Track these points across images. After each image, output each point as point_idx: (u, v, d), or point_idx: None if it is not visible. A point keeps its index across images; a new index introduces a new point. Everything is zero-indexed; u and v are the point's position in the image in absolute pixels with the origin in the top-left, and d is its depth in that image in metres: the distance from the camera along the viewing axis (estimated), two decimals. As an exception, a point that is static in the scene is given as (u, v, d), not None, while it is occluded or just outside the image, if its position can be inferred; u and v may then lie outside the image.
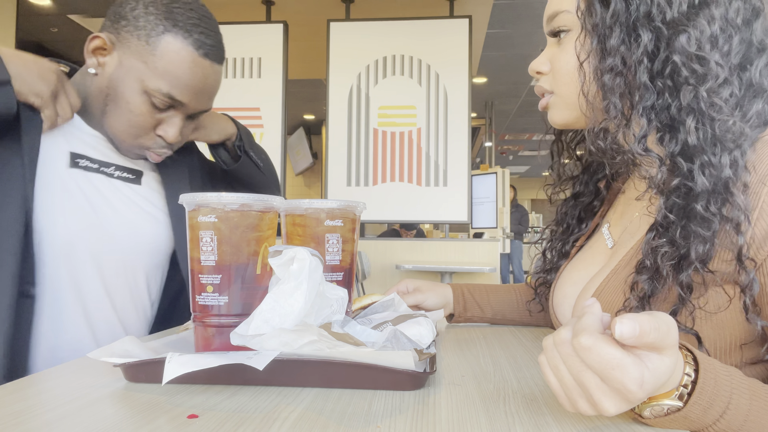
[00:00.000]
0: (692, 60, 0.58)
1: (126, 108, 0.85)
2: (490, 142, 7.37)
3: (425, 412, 0.47)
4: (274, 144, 3.74)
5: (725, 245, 0.56)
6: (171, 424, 0.43)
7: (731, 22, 0.60)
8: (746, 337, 0.58)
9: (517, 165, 12.72)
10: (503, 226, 5.14)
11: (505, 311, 0.96)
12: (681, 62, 0.58)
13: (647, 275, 0.60)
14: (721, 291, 0.57)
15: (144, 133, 0.88)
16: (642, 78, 0.60)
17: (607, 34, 0.62)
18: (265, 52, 3.82)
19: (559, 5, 0.69)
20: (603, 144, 0.65)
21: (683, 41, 0.58)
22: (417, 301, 0.92)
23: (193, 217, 0.57)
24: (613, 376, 0.38)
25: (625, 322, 0.37)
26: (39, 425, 0.43)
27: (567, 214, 0.87)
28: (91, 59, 0.86)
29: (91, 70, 0.86)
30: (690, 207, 0.57)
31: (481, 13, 4.08)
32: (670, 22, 0.59)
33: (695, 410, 0.43)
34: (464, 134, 3.68)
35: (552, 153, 0.87)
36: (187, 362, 0.48)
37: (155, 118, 0.87)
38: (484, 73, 5.86)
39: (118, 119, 0.87)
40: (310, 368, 0.53)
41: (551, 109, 0.73)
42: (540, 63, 0.72)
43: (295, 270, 0.54)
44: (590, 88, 0.65)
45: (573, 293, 0.76)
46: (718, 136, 0.57)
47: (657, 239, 0.60)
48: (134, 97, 0.84)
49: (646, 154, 0.61)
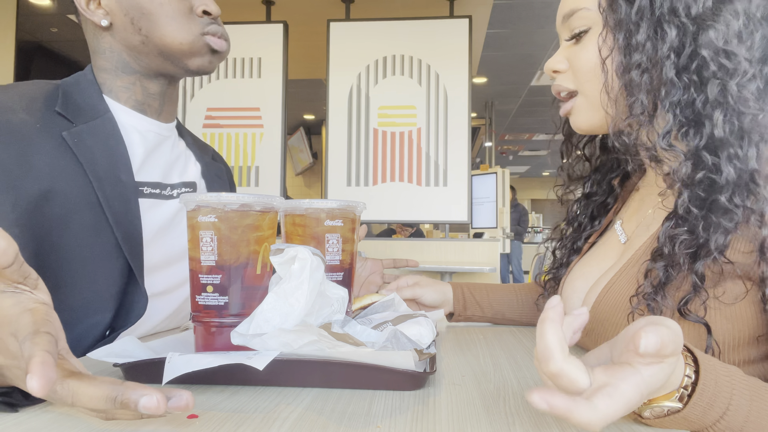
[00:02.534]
0: (720, 55, 0.58)
1: (154, 6, 0.80)
2: (490, 142, 7.36)
3: (425, 412, 0.47)
4: (274, 144, 3.74)
5: (747, 236, 0.56)
6: (171, 424, 0.43)
7: (753, 18, 0.60)
8: (759, 330, 0.58)
9: (517, 165, 12.72)
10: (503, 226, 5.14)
11: (505, 311, 0.96)
12: (709, 57, 0.58)
13: (663, 263, 0.60)
14: (739, 282, 0.57)
15: (188, 20, 0.83)
16: (669, 74, 0.60)
17: (633, 30, 0.61)
18: (265, 52, 3.82)
19: (577, 2, 0.68)
20: (627, 140, 0.64)
21: (711, 36, 0.58)
22: (415, 294, 0.92)
23: (193, 217, 0.57)
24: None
25: (651, 337, 0.36)
26: (39, 425, 0.43)
27: (579, 213, 0.87)
28: (94, 14, 0.81)
29: (104, 22, 0.81)
30: (713, 199, 0.57)
31: (481, 13, 4.08)
32: (695, 17, 0.59)
33: (695, 411, 0.43)
34: (464, 134, 3.68)
35: (562, 153, 0.87)
36: (187, 362, 0.48)
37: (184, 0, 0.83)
38: (484, 73, 5.86)
39: (161, 27, 0.81)
40: (310, 368, 0.53)
41: (575, 114, 0.71)
42: (556, 61, 0.71)
43: (297, 269, 0.54)
44: (613, 85, 0.64)
45: (583, 287, 0.76)
46: (745, 129, 0.57)
47: (676, 228, 0.59)
48: None
49: (671, 149, 0.61)
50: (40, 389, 0.33)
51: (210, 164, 1.01)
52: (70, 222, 0.74)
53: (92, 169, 0.76)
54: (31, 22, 4.60)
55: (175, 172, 0.92)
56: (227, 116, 3.75)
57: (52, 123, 0.76)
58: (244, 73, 3.81)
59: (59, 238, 0.73)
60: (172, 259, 0.88)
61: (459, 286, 0.97)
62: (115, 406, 0.38)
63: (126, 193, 0.79)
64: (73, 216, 0.74)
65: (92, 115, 0.81)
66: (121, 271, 0.77)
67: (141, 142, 0.86)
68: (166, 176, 0.90)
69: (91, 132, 0.79)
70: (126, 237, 0.77)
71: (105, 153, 0.79)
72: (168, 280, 0.87)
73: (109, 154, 0.79)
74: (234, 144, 3.74)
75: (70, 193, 0.74)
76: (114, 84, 0.85)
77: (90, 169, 0.76)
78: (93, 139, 0.79)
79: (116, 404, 0.38)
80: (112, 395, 0.38)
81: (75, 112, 0.79)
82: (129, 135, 0.85)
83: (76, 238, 0.74)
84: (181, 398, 0.38)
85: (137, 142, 0.85)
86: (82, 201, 0.75)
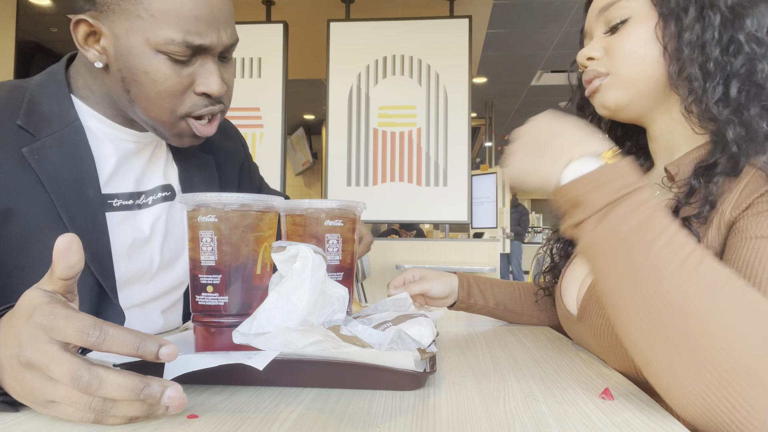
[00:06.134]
0: (753, 40, 0.62)
1: (149, 80, 0.72)
2: (490, 142, 7.37)
3: (425, 412, 0.47)
4: (274, 144, 3.74)
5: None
6: (171, 424, 0.43)
7: None
8: None
9: (517, 165, 12.69)
10: (503, 226, 5.13)
11: (507, 302, 0.98)
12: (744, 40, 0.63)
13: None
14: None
15: (181, 100, 0.75)
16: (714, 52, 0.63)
17: (681, 16, 0.66)
18: (265, 52, 3.82)
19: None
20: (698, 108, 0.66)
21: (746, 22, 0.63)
22: (423, 289, 0.93)
23: (193, 217, 0.57)
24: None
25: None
26: (39, 425, 0.43)
27: None
28: (89, 51, 0.74)
29: (98, 64, 0.73)
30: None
31: (481, 13, 4.08)
32: (732, 6, 0.64)
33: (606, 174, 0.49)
34: (464, 134, 3.67)
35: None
36: (187, 362, 0.48)
37: (185, 76, 0.73)
38: (484, 73, 5.85)
39: (148, 100, 0.74)
40: (310, 368, 0.53)
41: (604, 91, 0.72)
42: (593, 49, 0.73)
43: (298, 268, 0.54)
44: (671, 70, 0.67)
45: (582, 277, 0.77)
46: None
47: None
48: (150, 62, 0.71)
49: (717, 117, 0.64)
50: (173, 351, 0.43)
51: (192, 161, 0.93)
52: (32, 242, 0.70)
53: (55, 187, 0.71)
54: (31, 22, 4.61)
55: (152, 177, 0.86)
56: (227, 116, 3.74)
57: (12, 138, 0.71)
58: (244, 73, 3.81)
59: (20, 259, 0.70)
60: (150, 271, 0.83)
61: (464, 275, 0.99)
62: (140, 397, 0.42)
63: (92, 210, 0.74)
64: (35, 236, 0.70)
65: (59, 124, 0.75)
66: (91, 289, 0.73)
67: (113, 151, 0.79)
68: (141, 183, 0.83)
69: (55, 144, 0.73)
70: (94, 255, 0.73)
71: (70, 167, 0.73)
72: (146, 292, 0.83)
73: (74, 168, 0.74)
74: (234, 144, 3.73)
75: (30, 212, 0.70)
76: (95, 104, 0.79)
77: (52, 188, 0.71)
78: (57, 152, 0.73)
79: (141, 395, 0.42)
80: (139, 386, 0.42)
81: (38, 123, 0.73)
82: (99, 144, 0.78)
83: (40, 258, 0.70)
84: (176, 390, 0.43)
85: (108, 152, 0.79)
86: (44, 220, 0.70)
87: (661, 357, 0.45)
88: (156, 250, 0.84)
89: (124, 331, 0.42)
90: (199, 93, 0.75)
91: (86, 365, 0.41)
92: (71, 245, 0.44)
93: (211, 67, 0.75)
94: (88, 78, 0.78)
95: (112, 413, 0.42)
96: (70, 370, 0.41)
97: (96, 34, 0.73)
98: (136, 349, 0.42)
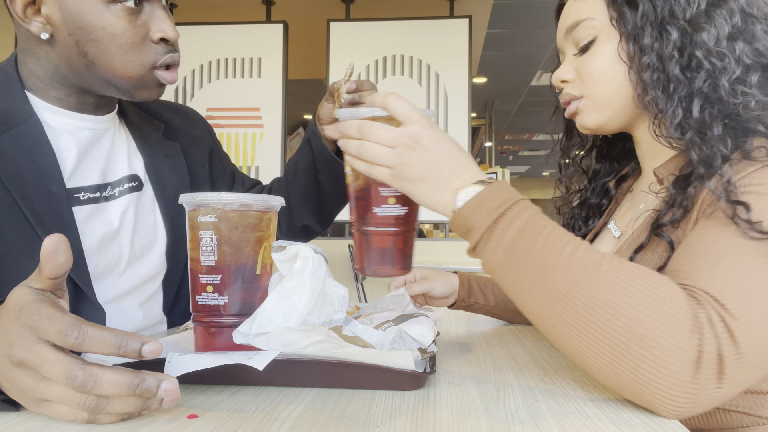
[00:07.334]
0: (712, 55, 0.61)
1: (106, 35, 0.71)
2: (490, 142, 7.36)
3: (425, 412, 0.47)
4: (274, 144, 3.74)
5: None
6: (171, 424, 0.43)
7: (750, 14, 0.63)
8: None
9: (517, 165, 12.72)
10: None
11: (507, 301, 0.98)
12: (702, 56, 0.62)
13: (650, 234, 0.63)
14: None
15: (142, 50, 0.74)
16: (674, 71, 0.63)
17: (639, 35, 0.65)
18: (265, 52, 3.82)
19: (580, 14, 0.70)
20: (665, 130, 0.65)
21: (704, 38, 0.62)
22: (425, 289, 0.93)
23: (193, 217, 0.57)
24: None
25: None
26: (39, 425, 0.43)
27: (573, 218, 0.88)
28: (32, 24, 0.71)
29: (44, 35, 0.71)
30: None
31: (481, 13, 4.08)
32: (690, 20, 0.63)
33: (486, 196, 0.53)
34: (464, 134, 3.68)
35: (560, 167, 0.88)
36: (187, 362, 0.48)
37: (140, 26, 0.73)
38: (484, 73, 5.85)
39: (111, 56, 0.72)
40: (310, 368, 0.53)
41: (582, 114, 0.73)
42: (564, 71, 0.73)
43: (299, 267, 0.54)
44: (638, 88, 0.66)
45: None
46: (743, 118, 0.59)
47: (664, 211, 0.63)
48: (104, 16, 0.70)
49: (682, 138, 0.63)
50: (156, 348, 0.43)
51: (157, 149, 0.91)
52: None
53: (16, 186, 0.69)
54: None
55: (117, 168, 0.83)
56: (227, 116, 3.75)
57: None
58: (244, 73, 3.81)
59: None
60: (120, 264, 0.81)
61: (465, 275, 0.99)
62: (136, 392, 0.41)
63: (58, 206, 0.72)
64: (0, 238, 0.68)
65: (14, 121, 0.72)
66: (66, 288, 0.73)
67: (73, 143, 0.77)
68: (107, 174, 0.81)
69: (13, 141, 0.71)
70: None
71: (30, 164, 0.71)
72: (119, 286, 0.81)
73: (35, 164, 0.71)
74: (234, 144, 3.74)
75: None
76: (45, 92, 0.76)
77: (13, 187, 0.69)
78: (16, 149, 0.70)
79: (137, 391, 0.41)
80: (135, 381, 0.41)
81: None
82: (58, 138, 0.76)
83: (8, 260, 0.68)
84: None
85: (68, 145, 0.77)
86: (8, 221, 0.68)
87: (572, 343, 0.48)
88: (126, 243, 0.81)
89: (105, 331, 0.42)
90: (157, 40, 0.75)
91: (80, 364, 0.41)
92: (59, 245, 0.44)
93: (161, 12, 0.76)
94: (31, 64, 0.76)
95: (106, 411, 0.42)
96: (64, 370, 0.40)
97: (35, 3, 0.70)
98: (117, 349, 0.41)
